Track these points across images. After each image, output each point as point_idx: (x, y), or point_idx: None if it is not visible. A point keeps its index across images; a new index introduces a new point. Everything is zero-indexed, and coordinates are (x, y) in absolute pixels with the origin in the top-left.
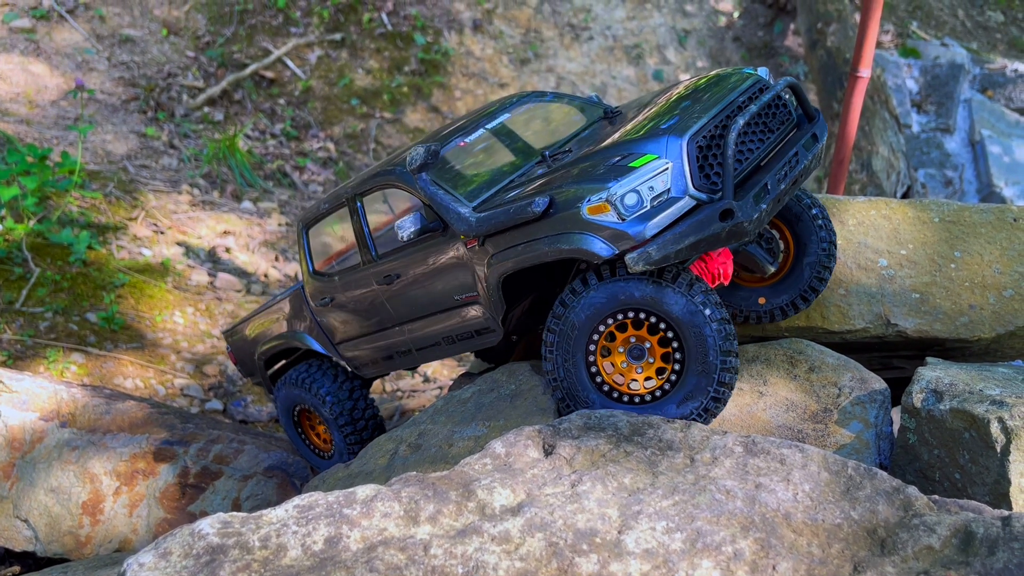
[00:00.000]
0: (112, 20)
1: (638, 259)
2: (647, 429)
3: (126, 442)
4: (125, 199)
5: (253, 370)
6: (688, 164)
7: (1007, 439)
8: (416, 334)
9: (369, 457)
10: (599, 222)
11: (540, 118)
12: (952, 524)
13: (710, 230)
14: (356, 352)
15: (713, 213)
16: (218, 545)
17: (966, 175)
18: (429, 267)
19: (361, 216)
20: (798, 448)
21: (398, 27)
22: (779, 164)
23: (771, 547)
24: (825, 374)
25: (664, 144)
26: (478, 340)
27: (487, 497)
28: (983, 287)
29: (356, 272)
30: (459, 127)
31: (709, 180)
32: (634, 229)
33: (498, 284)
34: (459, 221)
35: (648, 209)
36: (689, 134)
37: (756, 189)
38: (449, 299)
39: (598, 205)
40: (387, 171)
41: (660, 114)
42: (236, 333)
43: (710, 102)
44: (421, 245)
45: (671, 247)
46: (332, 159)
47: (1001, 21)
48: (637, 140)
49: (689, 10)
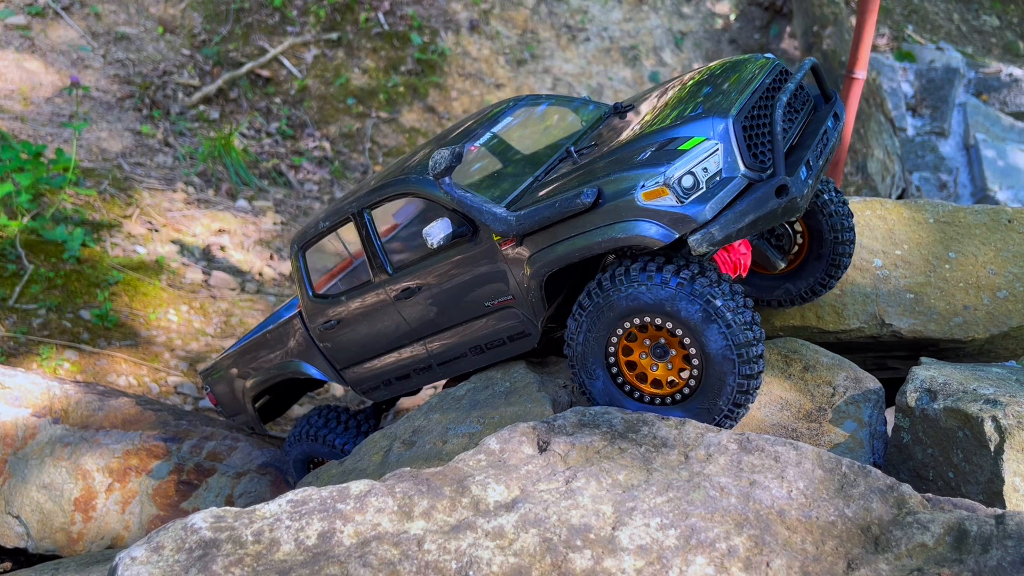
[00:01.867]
0: (108, 17)
1: (701, 240)
2: (641, 426)
3: (119, 439)
4: (119, 197)
5: (238, 410)
6: (736, 144)
7: (1001, 438)
8: (439, 348)
9: (363, 454)
10: (657, 207)
11: (541, 119)
12: (946, 522)
13: (768, 207)
14: (366, 375)
15: (769, 190)
16: (211, 539)
17: (960, 179)
18: (455, 275)
19: (371, 230)
20: (792, 446)
21: (395, 27)
22: (814, 142)
23: (765, 544)
24: (820, 373)
25: (710, 125)
26: (511, 347)
27: (481, 493)
28: (977, 288)
29: (367, 289)
30: (462, 132)
31: (757, 159)
32: (694, 211)
33: (541, 283)
34: (496, 222)
35: (705, 190)
36: (733, 114)
37: (800, 165)
38: (479, 306)
39: (655, 190)
40: (401, 180)
41: (687, 99)
42: (216, 372)
43: (740, 84)
44: (444, 253)
45: (732, 226)
46: (328, 158)
47: (996, 25)
48: (678, 124)
49: (685, 12)
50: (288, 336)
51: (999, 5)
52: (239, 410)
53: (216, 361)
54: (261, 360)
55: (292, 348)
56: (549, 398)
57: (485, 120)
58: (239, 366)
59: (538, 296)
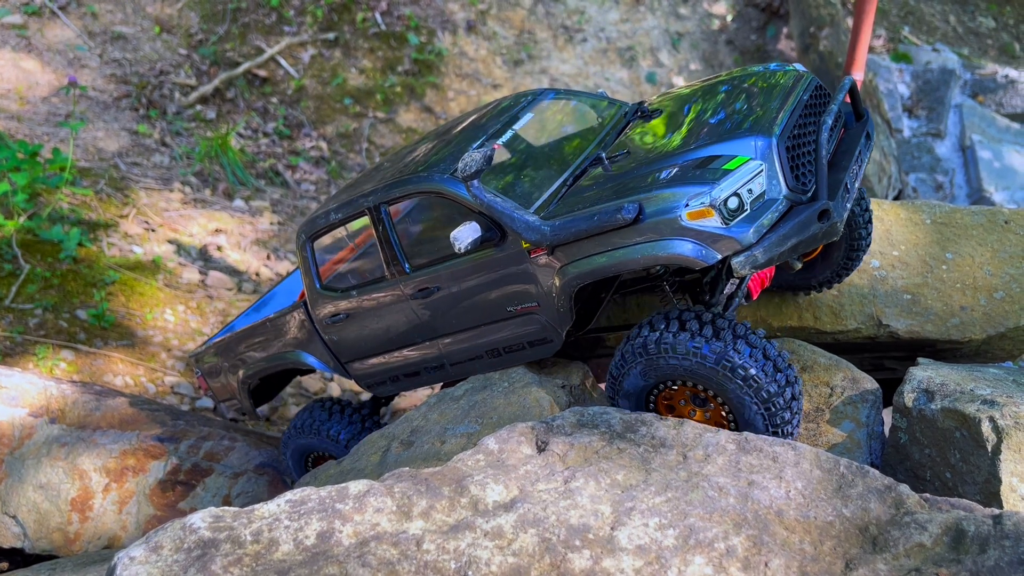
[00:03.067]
0: (104, 17)
1: (745, 263)
2: (640, 426)
3: (116, 439)
4: (116, 196)
5: (228, 395)
6: (780, 165)
7: (998, 438)
8: (453, 348)
9: (361, 454)
10: (701, 227)
11: (560, 116)
12: (943, 522)
13: (810, 231)
14: (373, 370)
15: (812, 215)
16: (209, 539)
17: (956, 180)
18: (478, 278)
19: (388, 226)
20: (790, 446)
21: (392, 27)
22: (851, 163)
23: (763, 544)
24: (817, 374)
25: (753, 144)
26: (531, 352)
27: (480, 493)
28: (974, 289)
29: (381, 285)
30: (481, 127)
31: (799, 180)
32: (739, 233)
33: (572, 295)
34: (529, 230)
35: (749, 212)
36: (776, 134)
37: (840, 189)
38: (500, 310)
39: (700, 210)
40: (425, 177)
41: (724, 112)
42: (208, 356)
43: (780, 100)
44: (468, 255)
45: (775, 249)
46: (324, 158)
47: (992, 27)
48: (718, 140)
49: (682, 13)
50: (290, 325)
51: (995, 7)
52: (230, 395)
53: (208, 345)
54: (259, 348)
55: (293, 338)
56: (547, 397)
57: (505, 115)
58: (234, 352)
59: (567, 306)
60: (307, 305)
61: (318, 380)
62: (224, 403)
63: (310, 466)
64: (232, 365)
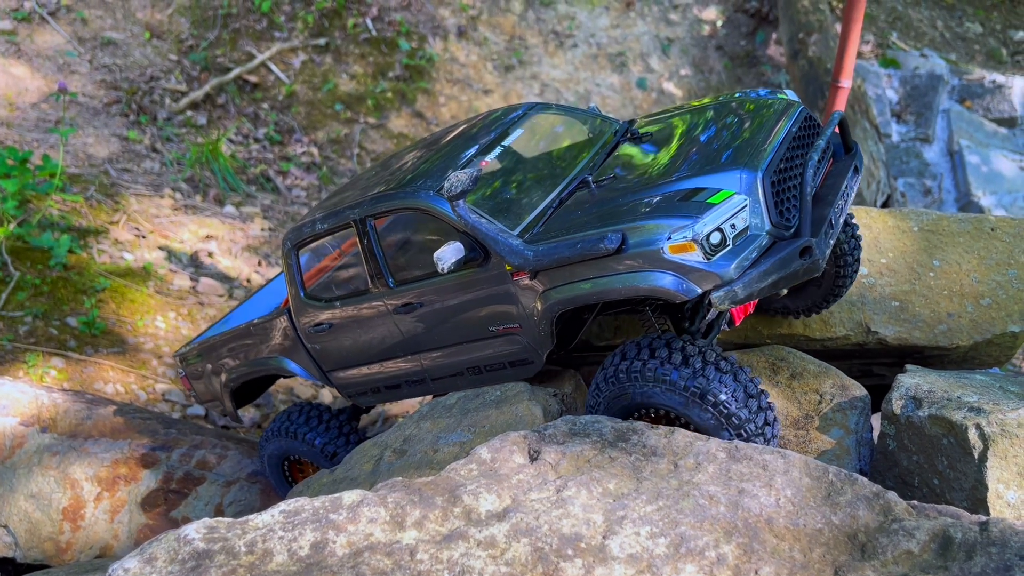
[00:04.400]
0: (94, 23)
1: (724, 298)
2: (631, 435)
3: (107, 447)
4: (106, 203)
5: (212, 396)
6: (765, 201)
7: (984, 445)
8: (435, 364)
9: (354, 463)
10: (682, 261)
11: (549, 132)
12: (931, 529)
13: (791, 268)
14: (355, 380)
15: (794, 251)
16: (204, 550)
17: (945, 184)
18: (461, 297)
19: (372, 240)
20: (780, 454)
21: (383, 32)
22: (837, 198)
23: (754, 552)
24: (807, 381)
25: (738, 178)
26: (511, 372)
27: (473, 502)
28: (961, 295)
29: (364, 298)
30: (471, 140)
31: (782, 216)
32: (720, 268)
33: (553, 320)
34: (512, 254)
35: (731, 248)
36: (762, 169)
37: (824, 225)
38: (483, 330)
39: (682, 244)
40: (410, 193)
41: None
42: (193, 357)
43: (767, 132)
44: (452, 274)
45: (755, 285)
46: (316, 164)
47: (979, 32)
48: (703, 172)
49: (673, 19)
50: (274, 332)
51: (982, 12)
52: (213, 397)
53: (193, 346)
54: (243, 352)
55: (277, 344)
56: (540, 407)
57: (496, 129)
58: (218, 355)
59: (548, 330)
60: (291, 313)
61: (310, 387)
62: (206, 404)
63: (287, 471)
64: (215, 367)
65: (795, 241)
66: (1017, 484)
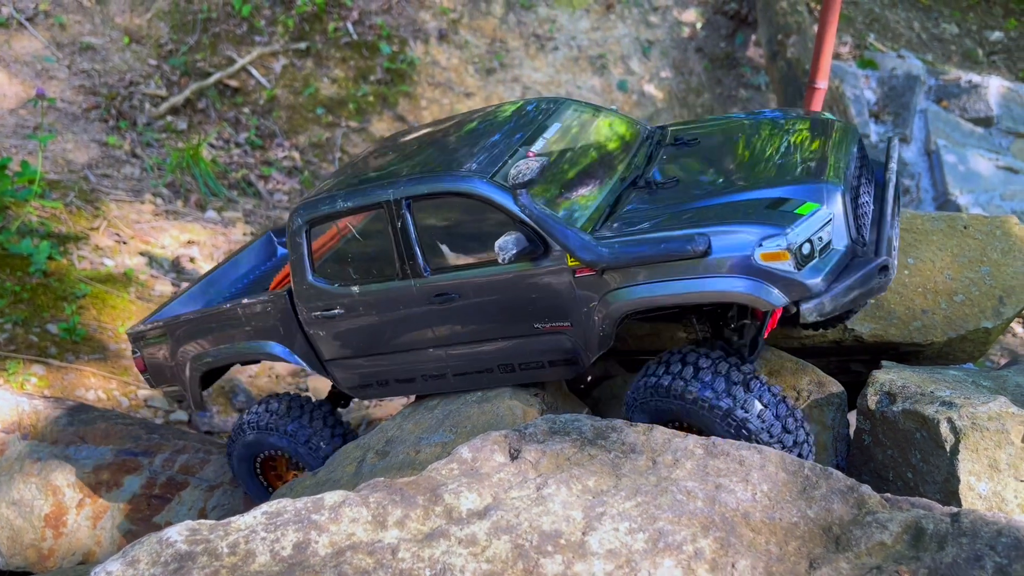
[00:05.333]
0: (72, 28)
1: (813, 310)
2: (611, 432)
3: (89, 454)
4: (86, 209)
5: (169, 379)
6: (846, 216)
7: (956, 439)
8: (462, 358)
9: (336, 465)
10: (773, 269)
11: (583, 130)
12: (903, 521)
13: (871, 284)
14: (360, 371)
15: (874, 269)
16: (186, 552)
17: (923, 183)
18: (509, 290)
19: (409, 223)
20: (756, 450)
21: (364, 36)
22: (894, 219)
23: (730, 546)
24: (784, 378)
25: (823, 192)
26: (550, 371)
27: (454, 501)
28: (935, 293)
29: (392, 285)
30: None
31: (859, 232)
32: (810, 280)
33: (617, 321)
34: (583, 250)
35: (818, 260)
36: (844, 185)
37: (890, 245)
38: (527, 326)
39: (776, 252)
40: (462, 178)
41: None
42: (152, 336)
43: (839, 150)
44: (502, 266)
45: (840, 299)
46: (297, 168)
47: (955, 33)
48: (786, 183)
49: (653, 21)
50: (265, 314)
51: (958, 14)
52: (171, 380)
53: (152, 323)
54: (221, 335)
55: (266, 328)
56: (520, 406)
57: (531, 121)
58: (187, 336)
59: (610, 331)
60: (291, 295)
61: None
62: (163, 388)
63: (258, 469)
64: (182, 349)
65: (874, 259)
66: (988, 476)
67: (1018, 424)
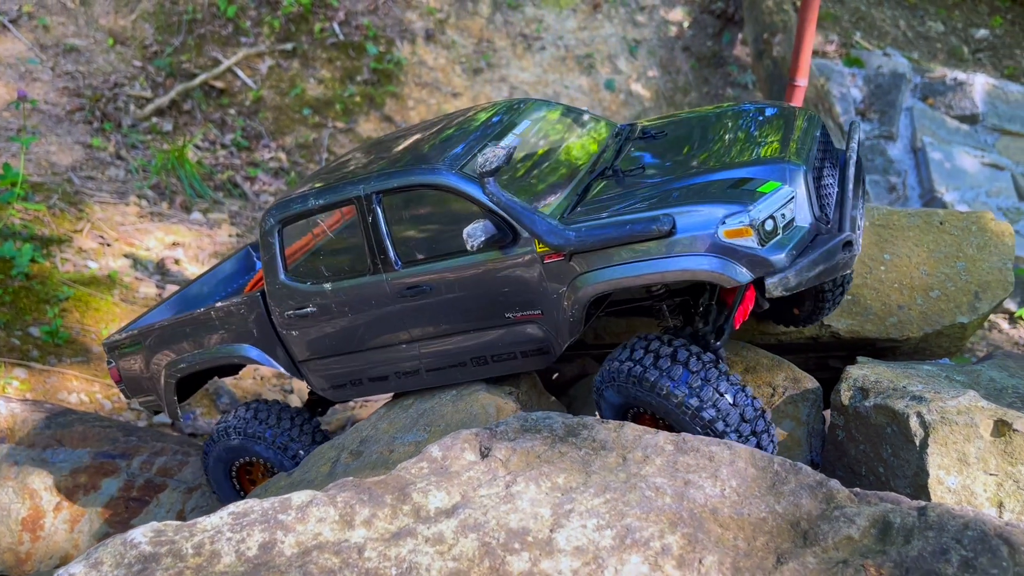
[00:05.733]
0: (56, 29)
1: (778, 284)
2: (581, 430)
3: (67, 457)
4: (70, 211)
5: (146, 390)
6: (808, 194)
7: (925, 433)
8: (435, 353)
9: (311, 466)
10: (737, 246)
11: (553, 127)
12: (871, 515)
13: (834, 260)
14: (333, 371)
15: (837, 244)
16: (150, 554)
17: (909, 181)
18: (479, 280)
19: (379, 217)
20: (726, 445)
21: (350, 37)
22: (858, 200)
23: (698, 541)
24: (760, 374)
25: (786, 171)
26: (522, 362)
27: (422, 500)
28: (911, 288)
29: (363, 280)
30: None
31: (822, 210)
32: (774, 256)
33: (586, 305)
34: (551, 235)
35: (781, 236)
36: (807, 165)
37: (854, 223)
38: (498, 316)
39: (739, 229)
40: (431, 171)
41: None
42: (127, 346)
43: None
44: (469, 256)
45: (805, 274)
46: (284, 169)
47: (941, 31)
48: (748, 164)
49: (639, 20)
50: (238, 317)
51: (944, 11)
52: (147, 390)
53: (128, 333)
54: (194, 340)
55: (240, 331)
56: (494, 404)
57: (501, 119)
58: (162, 343)
59: (578, 316)
60: (264, 296)
61: (278, 393)
62: (139, 399)
63: (233, 475)
64: (157, 357)
65: (837, 235)
66: (957, 470)
67: (987, 418)
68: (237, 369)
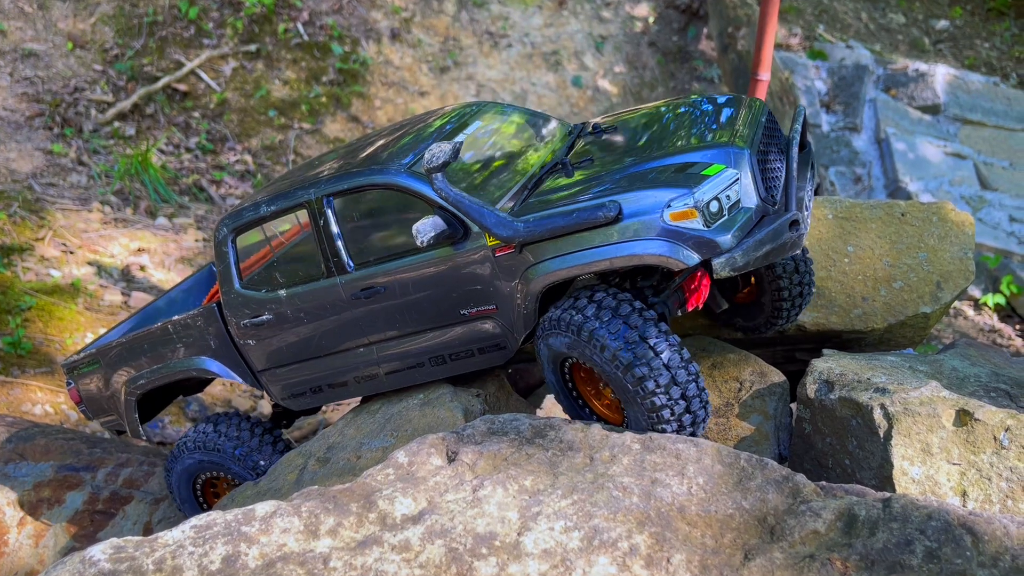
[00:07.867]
0: (14, 34)
1: (725, 264)
2: (548, 431)
3: (29, 471)
4: (31, 219)
5: (106, 409)
6: (753, 176)
7: (889, 424)
8: (393, 355)
9: (278, 474)
10: (683, 229)
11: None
12: (837, 508)
13: (782, 239)
14: (293, 380)
15: (784, 224)
16: (110, 571)
17: (874, 172)
18: (432, 278)
19: (331, 220)
20: (693, 443)
21: (315, 37)
22: (805, 182)
23: (666, 540)
24: (727, 369)
25: (729, 154)
26: (480, 359)
27: (388, 507)
28: (875, 280)
29: (317, 285)
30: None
31: (768, 192)
32: (720, 236)
33: (538, 296)
34: (499, 227)
35: (727, 218)
36: (752, 147)
37: (801, 204)
38: (453, 313)
39: (684, 212)
40: (380, 171)
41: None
42: (85, 365)
43: (747, 120)
44: (421, 253)
45: (752, 254)
46: (250, 172)
47: (902, 23)
48: (693, 149)
49: (605, 16)
50: (195, 330)
51: (904, 3)
52: (108, 410)
53: (86, 353)
54: (153, 356)
55: (197, 344)
56: (461, 408)
57: (452, 122)
58: (120, 361)
59: (532, 308)
60: (220, 307)
61: (248, 399)
62: (101, 420)
63: (198, 490)
64: (115, 376)
65: (783, 215)
66: (921, 460)
67: (949, 408)
68: (202, 387)
